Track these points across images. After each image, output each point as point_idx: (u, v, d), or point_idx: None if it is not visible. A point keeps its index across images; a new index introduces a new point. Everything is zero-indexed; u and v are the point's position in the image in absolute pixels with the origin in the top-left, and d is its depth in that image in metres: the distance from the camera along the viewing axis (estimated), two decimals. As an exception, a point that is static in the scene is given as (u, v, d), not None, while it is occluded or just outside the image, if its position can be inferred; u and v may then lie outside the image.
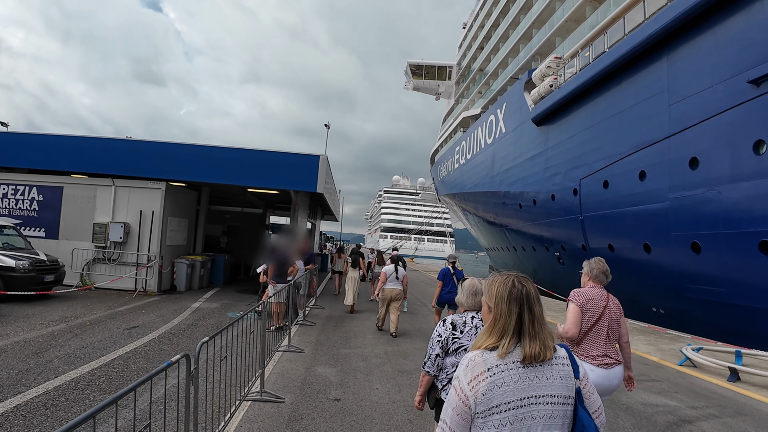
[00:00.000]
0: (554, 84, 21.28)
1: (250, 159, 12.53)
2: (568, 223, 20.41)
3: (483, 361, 1.79)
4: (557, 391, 1.80)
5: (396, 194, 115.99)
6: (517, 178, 24.76)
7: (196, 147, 13.02)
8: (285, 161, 12.48)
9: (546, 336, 1.86)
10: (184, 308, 11.17)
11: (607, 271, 4.21)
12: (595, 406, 1.93)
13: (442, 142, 43.48)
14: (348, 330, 9.88)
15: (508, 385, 1.74)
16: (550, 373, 1.81)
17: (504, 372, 1.76)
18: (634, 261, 17.02)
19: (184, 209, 14.49)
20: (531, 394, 1.75)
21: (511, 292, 1.90)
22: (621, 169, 17.24)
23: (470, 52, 38.24)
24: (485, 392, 1.72)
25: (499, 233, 30.04)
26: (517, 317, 1.86)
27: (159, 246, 12.89)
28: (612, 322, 3.91)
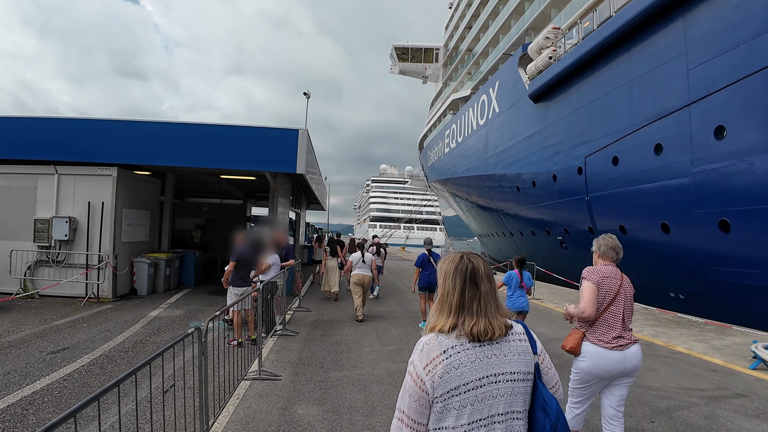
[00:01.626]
0: (553, 56, 19.28)
1: (216, 136, 10.30)
2: (572, 204, 18.58)
3: (438, 344, 1.69)
4: (516, 367, 1.72)
5: (384, 183, 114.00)
6: (514, 159, 22.83)
7: (152, 124, 10.65)
8: (258, 137, 10.30)
9: (494, 313, 1.75)
10: (138, 318, 8.97)
11: (616, 246, 3.85)
12: (553, 381, 1.86)
13: (431, 127, 41.37)
14: (339, 340, 7.78)
15: (465, 366, 1.65)
16: (508, 350, 1.73)
17: (460, 353, 1.67)
18: (650, 243, 15.26)
19: (145, 200, 12.28)
20: (490, 373, 1.67)
21: (457, 268, 1.81)
22: (633, 143, 15.43)
23: (458, 32, 36.05)
24: (442, 375, 1.63)
25: (494, 219, 28.14)
26: (461, 294, 1.76)
27: (112, 243, 10.59)
28: (627, 301, 3.66)
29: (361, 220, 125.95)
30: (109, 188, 10.48)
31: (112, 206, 10.49)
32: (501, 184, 24.54)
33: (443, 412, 1.64)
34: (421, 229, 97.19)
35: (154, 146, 10.22)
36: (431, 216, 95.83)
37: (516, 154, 22.61)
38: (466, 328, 1.71)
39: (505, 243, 29.03)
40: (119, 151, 10.26)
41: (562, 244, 20.39)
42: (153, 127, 10.42)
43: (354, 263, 10.29)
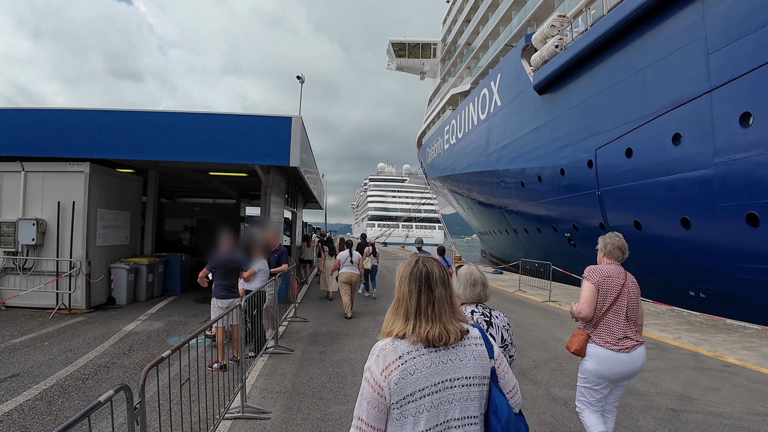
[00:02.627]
0: (560, 45, 18.15)
1: (199, 126, 9.04)
2: (582, 199, 17.48)
3: (393, 349, 1.64)
4: (471, 372, 1.68)
5: (382, 182, 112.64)
6: (518, 154, 21.70)
7: (127, 114, 9.27)
8: (248, 127, 9.04)
9: (449, 318, 1.71)
10: (110, 333, 7.65)
11: (623, 246, 3.69)
12: (510, 385, 1.83)
13: (429, 124, 40.18)
14: (341, 359, 6.49)
15: (420, 372, 1.61)
16: (464, 355, 1.69)
17: (416, 358, 1.62)
18: (668, 239, 14.20)
19: (125, 199, 10.94)
20: (445, 378, 1.63)
21: (412, 272, 1.77)
22: (648, 134, 14.37)
23: (456, 26, 34.86)
24: (398, 381, 1.58)
25: (496, 216, 27.02)
26: (417, 298, 1.72)
27: (84, 248, 9.29)
28: (631, 302, 3.53)
29: (359, 219, 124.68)
30: (81, 186, 9.20)
31: (85, 206, 9.21)
32: (504, 179, 23.42)
33: (400, 419, 1.60)
34: (420, 228, 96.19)
35: (130, 138, 8.94)
36: (430, 214, 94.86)
37: (520, 148, 21.49)
38: (421, 333, 1.66)
39: (508, 241, 27.92)
40: (91, 144, 9.00)
41: (570, 241, 19.29)
42: (128, 117, 9.12)
43: (342, 262, 10.26)
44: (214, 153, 8.97)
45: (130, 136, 8.96)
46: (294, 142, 8.91)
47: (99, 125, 8.99)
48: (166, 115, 9.11)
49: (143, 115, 9.12)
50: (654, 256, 14.81)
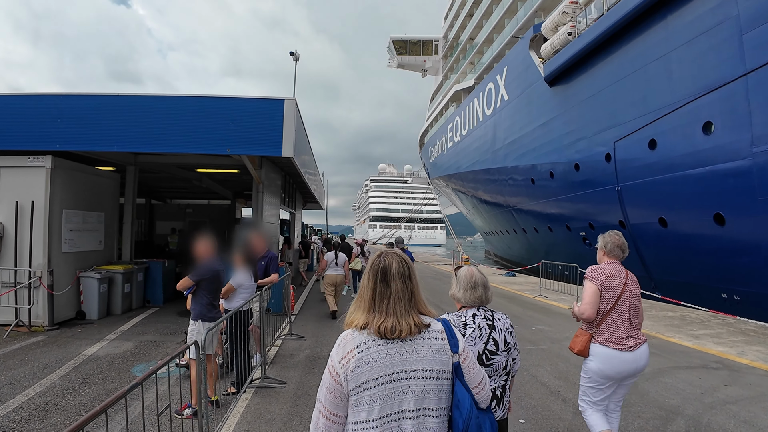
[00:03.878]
0: (573, 32, 16.82)
1: (177, 111, 7.61)
2: (599, 195, 16.14)
3: (353, 339, 1.69)
4: (429, 365, 1.68)
5: (383, 182, 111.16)
6: (527, 150, 20.36)
7: (92, 99, 7.77)
8: (233, 111, 7.65)
9: (404, 312, 1.71)
10: (67, 358, 6.21)
11: (623, 245, 3.61)
12: (476, 380, 1.80)
13: (432, 122, 38.78)
14: None
15: (375, 361, 1.63)
16: (421, 348, 1.69)
17: (372, 348, 1.65)
18: (699, 237, 12.89)
19: (97, 199, 9.45)
20: (400, 369, 1.64)
21: (372, 266, 1.81)
22: (674, 124, 13.08)
23: (458, 21, 33.49)
24: (354, 369, 1.62)
25: (503, 215, 25.65)
26: (372, 292, 1.75)
27: (46, 255, 7.84)
28: (633, 300, 3.46)
29: (361, 220, 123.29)
30: (42, 183, 7.76)
31: (46, 206, 7.77)
32: (513, 177, 22.08)
33: (357, 406, 1.63)
34: (422, 228, 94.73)
35: (96, 127, 7.50)
36: (432, 215, 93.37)
37: (530, 143, 20.14)
38: (374, 325, 1.68)
39: (515, 241, 26.55)
40: (52, 135, 7.58)
41: (585, 240, 17.93)
42: (93, 102, 7.66)
43: (328, 263, 10.19)
44: (194, 142, 7.57)
45: (95, 125, 7.54)
46: (287, 127, 7.52)
47: (61, 112, 7.58)
48: (136, 100, 7.69)
49: (110, 99, 7.68)
50: (681, 256, 13.50)
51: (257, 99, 7.70)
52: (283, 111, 7.52)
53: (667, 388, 5.43)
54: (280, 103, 7.58)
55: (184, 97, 7.76)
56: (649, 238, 14.44)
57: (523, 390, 5.33)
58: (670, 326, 9.07)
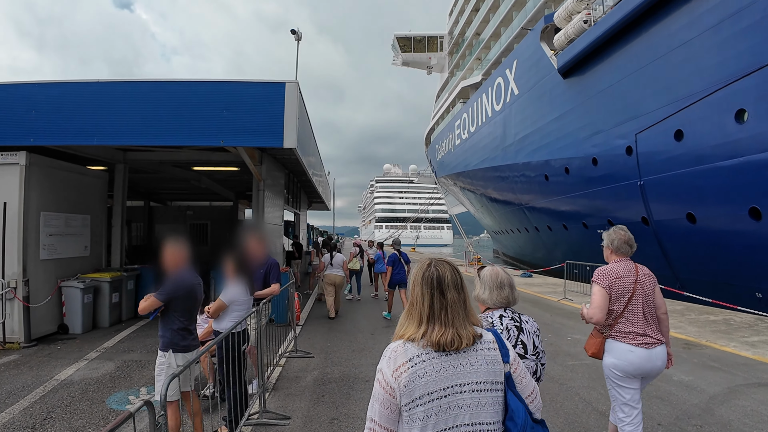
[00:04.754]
0: (588, 20, 15.87)
1: (164, 99, 6.69)
2: (619, 191, 15.20)
3: (404, 352, 1.61)
4: (483, 377, 1.61)
5: (388, 183, 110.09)
6: (540, 145, 19.41)
7: (69, 86, 6.86)
8: (227, 97, 6.73)
9: (462, 323, 1.64)
10: (36, 384, 5.31)
11: (630, 240, 3.48)
12: (528, 389, 1.72)
13: (438, 120, 37.80)
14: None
15: (430, 375, 1.56)
16: (475, 359, 1.62)
17: (425, 362, 1.57)
18: (732, 233, 11.96)
19: (82, 200, 8.55)
20: (455, 383, 1.57)
21: (425, 276, 1.70)
22: (703, 113, 12.14)
23: (463, 16, 32.53)
24: (407, 383, 1.54)
25: (514, 213, 24.69)
26: (430, 303, 1.66)
27: (21, 262, 6.93)
28: (647, 297, 3.30)
29: (367, 221, 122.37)
30: (16, 182, 6.88)
31: (20, 208, 6.85)
32: (525, 173, 21.12)
33: (409, 422, 1.56)
34: (428, 228, 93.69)
35: (73, 118, 6.59)
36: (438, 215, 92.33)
37: (543, 138, 19.19)
38: (433, 337, 1.61)
39: (526, 240, 25.56)
40: (27, 129, 6.69)
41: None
42: (71, 90, 6.81)
43: (325, 264, 10.34)
44: (183, 133, 6.65)
45: (72, 116, 6.63)
46: (289, 115, 6.62)
47: (35, 103, 6.72)
48: (116, 87, 6.74)
49: (87, 87, 6.74)
50: (712, 254, 12.54)
51: (254, 83, 6.80)
52: (284, 96, 6.62)
53: (748, 414, 4.51)
54: (280, 87, 6.68)
55: (171, 83, 6.85)
56: (675, 235, 13.49)
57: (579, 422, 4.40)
58: (718, 332, 8.12)
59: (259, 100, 6.67)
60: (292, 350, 6.68)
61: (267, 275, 5.29)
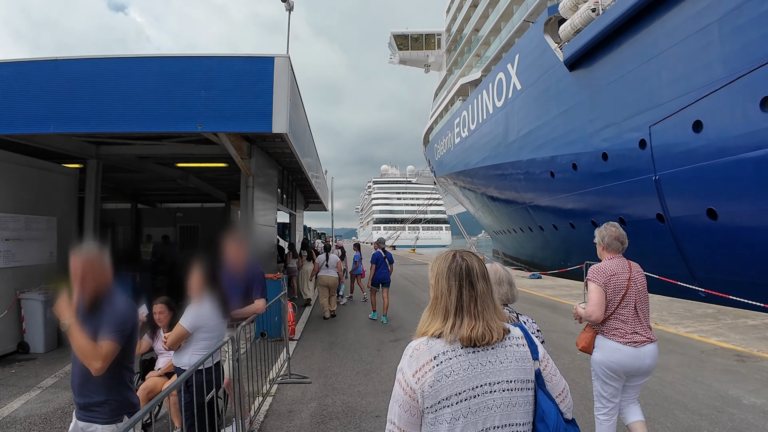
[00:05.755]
0: (597, 8, 14.97)
1: (134, 78, 5.60)
2: (632, 187, 14.30)
3: (428, 349, 1.47)
4: (513, 375, 1.48)
5: (386, 184, 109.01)
6: (545, 141, 18.49)
7: (19, 65, 5.66)
8: (206, 75, 5.63)
9: (492, 316, 1.52)
10: None
11: (621, 236, 3.43)
12: (559, 388, 1.60)
13: (437, 118, 36.83)
14: None
15: (457, 374, 1.43)
16: (504, 356, 1.49)
17: (452, 359, 1.44)
18: (758, 229, 11.03)
19: (46, 199, 7.50)
20: (484, 382, 1.44)
21: (451, 267, 1.56)
22: (725, 101, 11.31)
23: (461, 12, 31.59)
24: (432, 384, 1.41)
25: (517, 212, 23.75)
26: (458, 295, 1.52)
27: None
28: (639, 294, 3.30)
29: (365, 222, 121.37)
30: None
31: None
32: (529, 171, 20.19)
33: (435, 424, 1.43)
34: (426, 229, 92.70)
35: (27, 102, 5.57)
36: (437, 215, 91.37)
37: (548, 134, 18.27)
38: (462, 331, 1.48)
39: (529, 239, 24.62)
40: None
41: (615, 237, 16.02)
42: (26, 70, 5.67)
43: (320, 265, 10.26)
44: (153, 118, 5.57)
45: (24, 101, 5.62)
46: (279, 95, 5.57)
47: (-19, 86, 5.71)
48: (74, 65, 5.60)
49: (43, 66, 5.62)
50: (735, 252, 11.64)
51: (238, 57, 5.76)
52: (272, 73, 5.60)
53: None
54: (268, 62, 5.66)
55: (139, 59, 5.76)
56: (694, 233, 12.58)
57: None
58: (764, 339, 7.15)
59: (243, 77, 5.64)
60: (285, 374, 5.60)
61: (250, 288, 4.16)
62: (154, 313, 3.95)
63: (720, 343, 6.90)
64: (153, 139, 7.67)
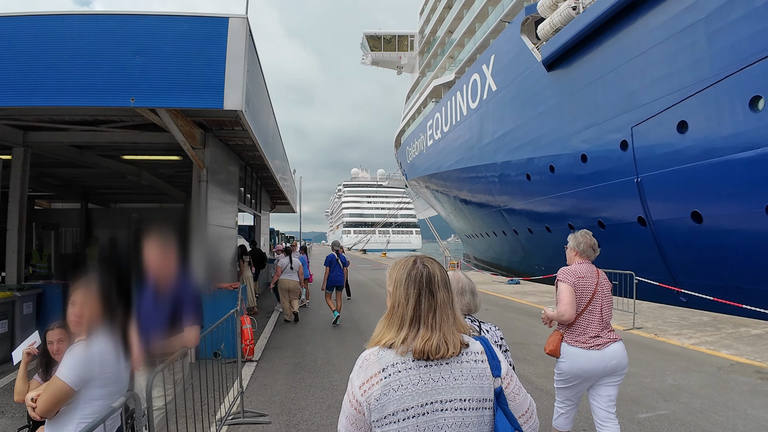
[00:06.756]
0: (577, 6, 14.39)
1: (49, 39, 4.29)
2: (613, 189, 13.75)
3: (377, 360, 1.33)
4: (468, 393, 1.32)
5: (356, 187, 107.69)
6: (522, 143, 17.85)
7: None
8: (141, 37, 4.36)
9: (450, 328, 1.36)
10: None
11: (595, 245, 3.44)
12: (524, 407, 1.42)
13: (409, 121, 35.98)
14: None
15: (406, 389, 1.28)
16: (459, 373, 1.33)
17: (401, 372, 1.29)
18: (745, 233, 10.58)
19: None
20: (435, 399, 1.29)
21: (411, 274, 1.39)
22: (710, 101, 10.83)
23: (435, 14, 30.89)
24: (379, 397, 1.27)
25: (491, 216, 23.08)
26: (415, 304, 1.36)
27: None
28: (605, 300, 3.28)
29: (334, 226, 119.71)
30: None
31: None
32: (504, 173, 19.52)
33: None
34: (397, 233, 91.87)
35: None
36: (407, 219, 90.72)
37: (524, 135, 17.64)
38: (416, 343, 1.32)
39: (502, 243, 24.00)
40: None
41: (593, 241, 15.42)
42: None
43: (283, 269, 9.81)
44: (77, 90, 4.34)
45: None
46: (233, 64, 4.36)
47: None
48: None
49: None
50: (720, 255, 11.13)
51: (184, 17, 4.49)
52: (226, 37, 4.46)
53: None
54: (220, 23, 4.46)
55: (60, 16, 4.40)
56: (677, 236, 12.06)
57: None
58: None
59: (189, 41, 4.42)
60: (237, 411, 4.31)
61: (178, 312, 2.84)
62: (49, 342, 2.77)
63: (734, 358, 6.15)
64: (89, 124, 6.41)
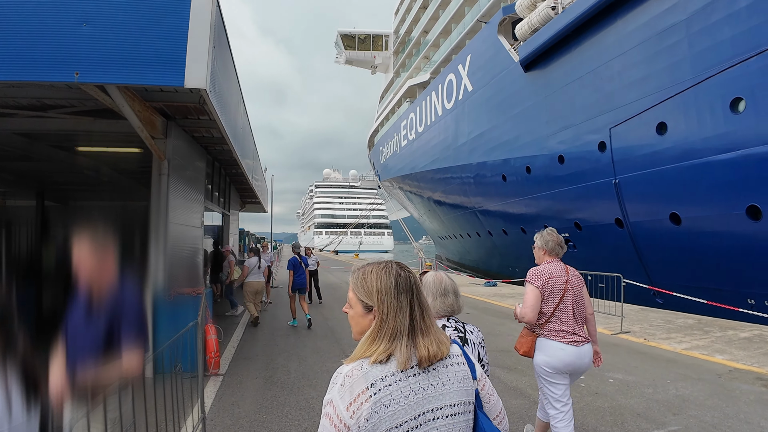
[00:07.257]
0: (557, 6, 14.17)
1: None
2: (590, 191, 13.58)
3: (363, 376, 1.19)
4: (456, 398, 1.27)
5: (328, 188, 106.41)
6: (498, 144, 17.59)
7: None
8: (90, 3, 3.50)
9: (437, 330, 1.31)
10: None
11: (562, 242, 3.44)
12: (496, 409, 1.41)
13: (383, 121, 35.45)
14: None
15: (398, 403, 1.17)
16: (446, 377, 1.27)
17: (391, 386, 1.18)
18: (724, 234, 10.56)
19: None
20: (427, 409, 1.21)
21: (398, 283, 1.29)
22: (690, 102, 10.75)
23: (410, 14, 30.48)
24: (369, 417, 1.14)
25: (465, 217, 22.79)
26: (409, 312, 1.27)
27: None
28: (576, 297, 3.29)
29: (306, 227, 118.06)
30: None
31: None
32: (479, 174, 19.22)
33: None
34: (369, 234, 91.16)
35: None
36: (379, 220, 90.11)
37: (500, 136, 17.37)
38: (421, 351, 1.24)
39: (476, 245, 23.75)
40: None
41: (569, 243, 15.24)
42: None
43: (250, 269, 9.39)
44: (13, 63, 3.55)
45: None
46: (196, 35, 3.59)
47: None
48: None
49: None
50: (698, 257, 11.04)
51: None
52: (189, 4, 3.78)
53: None
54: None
55: None
56: (655, 238, 11.94)
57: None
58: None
59: (146, 7, 3.63)
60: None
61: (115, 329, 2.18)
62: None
63: (731, 363, 5.84)
64: (35, 109, 5.61)
